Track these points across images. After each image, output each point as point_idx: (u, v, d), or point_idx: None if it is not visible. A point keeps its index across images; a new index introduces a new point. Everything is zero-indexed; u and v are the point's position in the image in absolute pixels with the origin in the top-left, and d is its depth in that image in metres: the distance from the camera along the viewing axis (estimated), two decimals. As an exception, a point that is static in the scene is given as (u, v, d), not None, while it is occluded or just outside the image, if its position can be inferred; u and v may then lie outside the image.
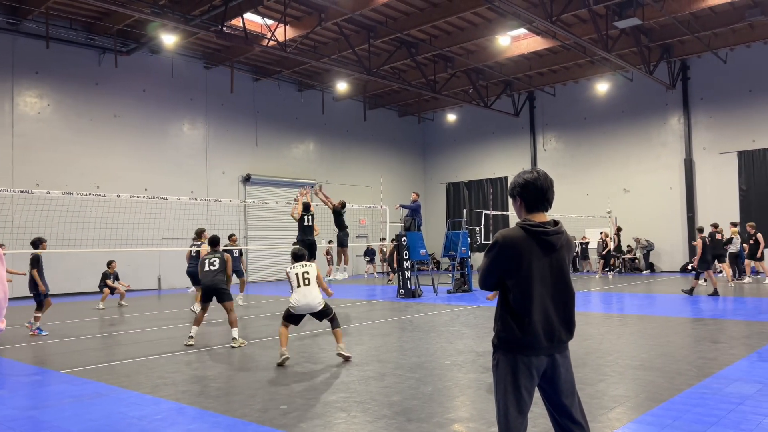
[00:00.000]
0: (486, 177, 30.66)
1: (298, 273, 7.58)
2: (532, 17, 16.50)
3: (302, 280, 7.53)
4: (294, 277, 7.56)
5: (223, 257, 9.22)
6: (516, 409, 2.91)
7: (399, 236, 16.34)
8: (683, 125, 24.52)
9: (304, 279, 7.54)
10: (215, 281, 9.01)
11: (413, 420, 4.90)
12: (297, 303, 7.43)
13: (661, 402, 5.23)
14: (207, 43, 22.10)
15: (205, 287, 9.08)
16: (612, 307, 12.81)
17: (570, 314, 3.00)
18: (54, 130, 19.62)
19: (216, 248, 9.45)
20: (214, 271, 9.08)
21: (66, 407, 5.58)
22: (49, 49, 19.01)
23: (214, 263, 9.13)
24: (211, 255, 9.31)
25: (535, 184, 3.01)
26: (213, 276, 9.03)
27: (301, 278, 7.54)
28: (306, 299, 7.44)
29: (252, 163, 25.13)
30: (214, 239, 9.59)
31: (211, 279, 9.02)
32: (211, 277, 9.02)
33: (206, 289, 9.08)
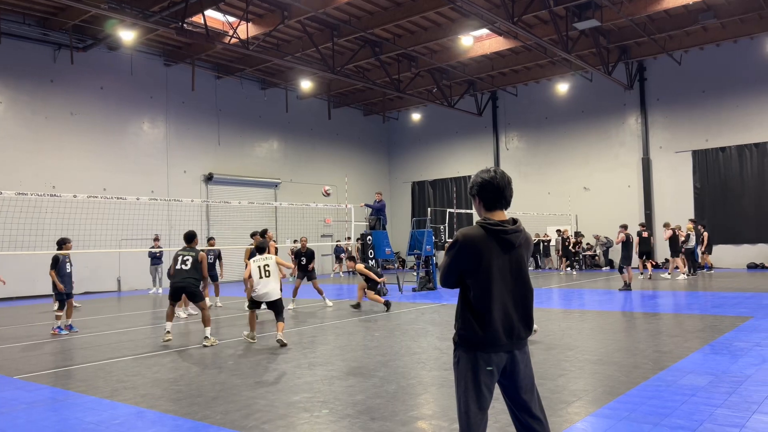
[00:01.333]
0: (450, 176, 30.90)
1: (260, 265, 8.61)
2: (494, 18, 16.69)
3: (263, 272, 8.59)
4: (256, 270, 8.59)
5: (198, 256, 9.13)
6: (476, 405, 2.94)
7: (364, 235, 16.34)
8: (641, 125, 25.16)
9: (265, 271, 8.60)
10: (186, 281, 8.94)
11: (377, 418, 4.91)
12: (258, 291, 8.58)
13: (618, 395, 5.36)
14: (167, 40, 21.67)
15: (176, 287, 9.01)
16: (572, 303, 13.07)
17: (529, 311, 3.06)
18: (7, 129, 18.98)
19: (191, 245, 9.31)
20: (186, 270, 8.98)
21: (19, 414, 5.41)
22: (2, 45, 18.38)
23: (187, 261, 9.02)
24: (184, 252, 9.18)
25: (492, 183, 3.05)
26: (185, 276, 8.96)
27: (263, 270, 8.59)
28: (266, 289, 8.57)
29: (214, 162, 24.78)
30: (189, 235, 9.42)
31: (183, 278, 8.95)
32: (182, 277, 8.96)
33: (177, 288, 9.02)
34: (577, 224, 26.12)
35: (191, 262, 9.00)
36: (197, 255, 9.10)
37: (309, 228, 25.06)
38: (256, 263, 8.61)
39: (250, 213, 24.43)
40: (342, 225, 27.92)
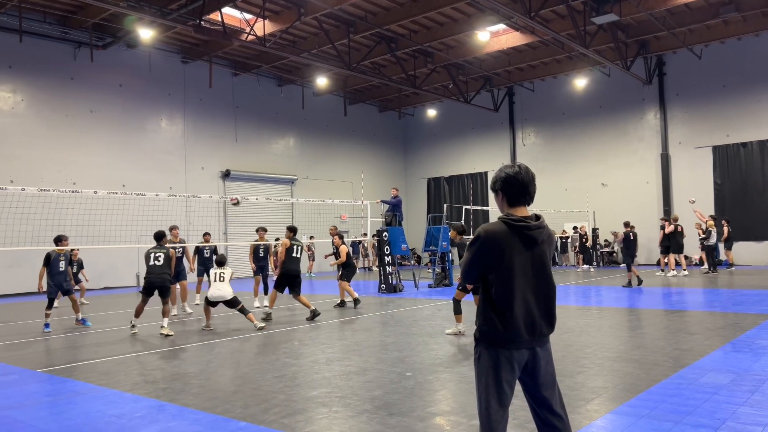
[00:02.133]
0: (466, 172, 30.79)
1: (216, 273, 10.08)
2: (511, 13, 16.58)
3: (218, 278, 10.02)
4: (213, 276, 10.05)
5: (168, 252, 10.05)
6: (497, 402, 2.94)
7: (380, 231, 16.36)
8: (659, 120, 24.87)
9: (220, 277, 10.02)
10: (162, 277, 9.81)
11: (395, 414, 4.92)
12: (212, 294, 9.86)
13: (638, 393, 5.32)
14: (185, 38, 21.83)
15: (150, 282, 9.77)
16: (590, 300, 12.97)
17: (551, 308, 3.04)
18: (29, 126, 19.25)
19: (161, 243, 10.16)
20: (159, 266, 9.81)
21: (43, 406, 5.50)
22: (23, 43, 18.62)
23: (159, 258, 9.85)
24: (156, 249, 9.97)
25: (517, 179, 3.03)
26: (160, 271, 9.78)
27: (218, 277, 10.03)
28: (219, 292, 9.86)
29: (231, 158, 24.93)
30: (158, 234, 10.25)
31: (158, 275, 9.77)
32: (157, 273, 9.77)
33: (151, 284, 9.77)
34: (594, 221, 25.90)
35: (164, 258, 9.87)
36: (168, 252, 10.04)
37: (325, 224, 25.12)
38: (213, 271, 10.11)
39: (267, 209, 24.57)
40: (358, 221, 27.97)
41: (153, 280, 9.75)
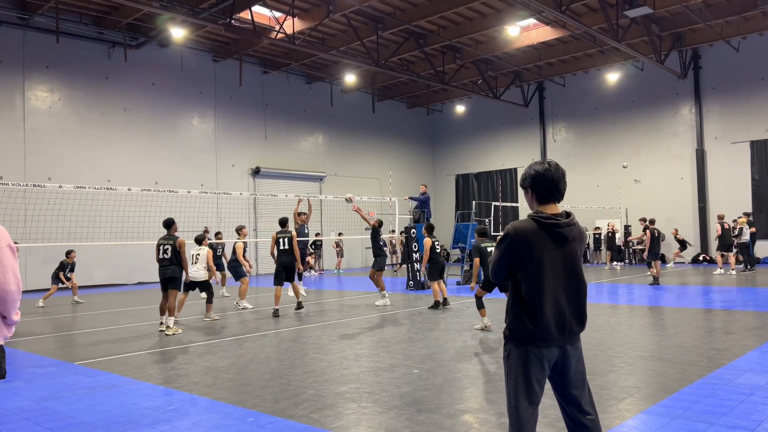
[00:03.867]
0: (495, 168, 30.56)
1: (193, 254, 10.50)
2: (541, 7, 16.37)
3: (193, 259, 10.47)
4: (189, 257, 10.26)
5: (176, 244, 9.44)
6: (527, 400, 2.92)
7: (408, 228, 16.34)
8: (695, 115, 24.30)
9: (195, 258, 10.50)
10: (171, 269, 9.40)
11: (423, 411, 4.92)
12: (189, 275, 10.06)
13: (671, 393, 5.23)
14: (215, 36, 22.10)
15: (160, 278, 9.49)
16: (621, 298, 12.77)
17: (582, 306, 3.01)
18: (65, 124, 19.74)
19: (170, 232, 9.66)
20: (167, 258, 9.42)
21: (80, 398, 5.65)
22: (60, 44, 19.09)
23: (167, 250, 9.42)
24: (164, 241, 9.52)
25: (546, 176, 3.00)
26: (167, 264, 9.42)
27: (193, 258, 10.47)
28: (195, 274, 10.33)
29: (261, 155, 25.18)
30: (168, 222, 9.74)
31: (166, 267, 9.42)
32: (165, 266, 9.44)
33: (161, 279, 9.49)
34: (627, 217, 25.47)
35: (171, 249, 9.41)
36: (175, 243, 9.46)
37: (353, 221, 25.22)
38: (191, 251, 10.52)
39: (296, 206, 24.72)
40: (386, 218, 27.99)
41: (163, 275, 9.41)
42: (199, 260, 10.56)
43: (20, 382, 6.31)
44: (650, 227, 15.74)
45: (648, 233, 15.65)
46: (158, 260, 9.54)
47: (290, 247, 11.32)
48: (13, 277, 3.16)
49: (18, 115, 18.73)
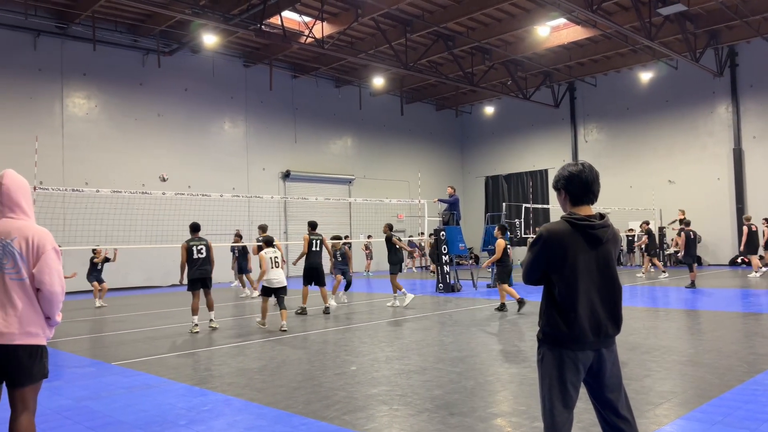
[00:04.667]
0: (526, 170, 30.27)
1: (271, 257, 9.92)
2: (572, 6, 16.19)
3: (273, 263, 9.90)
4: (268, 261, 9.88)
5: (208, 244, 10.07)
6: (562, 403, 2.89)
7: (437, 231, 16.30)
8: (731, 114, 23.71)
9: (275, 262, 9.92)
10: (206, 270, 9.98)
11: (455, 414, 4.90)
12: (272, 279, 9.85)
13: (710, 398, 5.11)
14: (246, 42, 22.41)
15: (198, 276, 9.91)
16: (657, 301, 12.52)
17: (617, 308, 2.97)
18: (101, 130, 20.23)
19: (197, 234, 10.17)
20: (203, 259, 9.90)
21: (118, 398, 5.78)
22: (96, 52, 19.59)
23: (202, 250, 9.92)
24: (197, 242, 9.98)
25: (580, 177, 2.97)
26: (203, 264, 9.92)
27: (273, 262, 9.90)
28: (278, 278, 9.91)
29: (291, 159, 25.42)
30: (196, 225, 10.26)
31: (203, 267, 9.93)
32: (201, 266, 9.92)
33: (198, 278, 9.91)
34: (661, 219, 24.97)
35: (205, 250, 9.95)
36: (207, 243, 10.07)
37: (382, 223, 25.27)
38: (268, 255, 9.88)
39: (326, 209, 24.93)
40: (415, 220, 27.96)
41: (198, 274, 9.90)
42: (278, 264, 9.96)
43: (61, 382, 6.49)
44: (685, 229, 15.32)
45: (683, 235, 15.20)
46: (192, 260, 9.89)
47: (320, 250, 11.53)
48: (58, 279, 3.27)
49: (57, 122, 19.27)
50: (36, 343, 3.26)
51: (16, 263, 3.21)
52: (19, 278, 3.22)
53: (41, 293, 3.24)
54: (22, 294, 3.22)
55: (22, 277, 3.22)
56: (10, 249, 3.21)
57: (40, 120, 18.85)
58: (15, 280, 3.21)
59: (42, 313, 3.28)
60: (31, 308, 3.24)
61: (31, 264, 3.24)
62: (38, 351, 3.27)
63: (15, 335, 3.17)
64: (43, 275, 3.22)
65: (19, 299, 3.20)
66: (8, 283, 3.20)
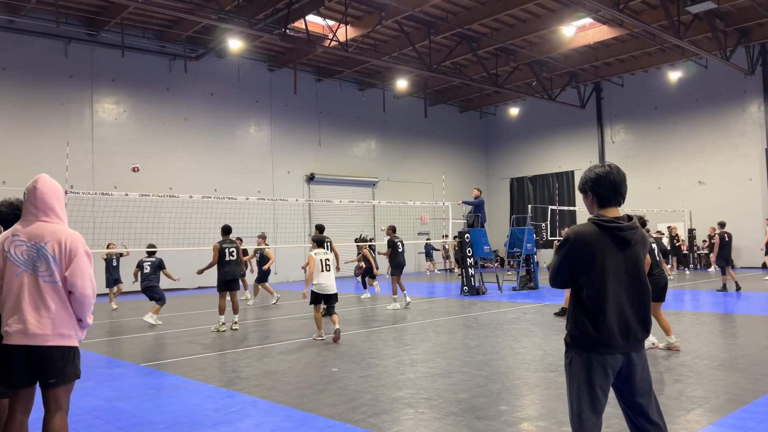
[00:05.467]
0: (551, 171, 29.97)
1: (322, 259, 8.82)
2: (598, 6, 15.99)
3: (324, 266, 8.81)
4: (318, 263, 8.78)
5: (238, 247, 10.41)
6: (590, 408, 2.86)
7: (462, 233, 16.23)
8: (764, 113, 23.17)
9: (326, 265, 8.82)
10: (236, 271, 10.30)
11: (482, 418, 4.87)
12: (320, 284, 8.74)
13: (743, 404, 4.99)
14: (271, 46, 22.61)
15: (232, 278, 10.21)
16: (686, 305, 12.28)
17: (646, 311, 2.93)
18: (130, 135, 20.60)
19: (229, 236, 10.53)
20: (234, 261, 10.23)
21: (147, 399, 5.87)
22: (125, 58, 19.95)
23: (233, 253, 10.24)
24: (228, 244, 10.32)
25: (608, 179, 2.94)
26: (234, 266, 10.24)
27: (324, 264, 8.80)
28: (328, 282, 8.79)
29: (315, 162, 25.56)
30: (229, 227, 10.66)
31: (234, 269, 10.24)
32: (233, 268, 10.23)
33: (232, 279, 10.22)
34: (691, 221, 24.50)
35: (236, 253, 10.27)
36: (238, 246, 10.43)
37: (406, 226, 25.24)
38: (318, 256, 8.83)
39: (350, 211, 25.00)
40: (439, 223, 27.86)
41: (232, 276, 10.28)
42: (330, 268, 8.92)
43: (92, 383, 6.61)
44: (719, 231, 14.98)
45: (717, 237, 14.88)
46: (223, 262, 10.23)
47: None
48: (89, 282, 3.33)
49: (87, 126, 19.67)
50: (69, 344, 3.32)
51: (49, 266, 3.29)
52: (52, 281, 3.29)
53: (73, 295, 3.31)
54: (55, 296, 3.29)
55: (55, 279, 3.29)
56: (43, 252, 3.29)
57: (70, 125, 19.26)
58: (48, 282, 3.28)
59: (74, 315, 3.35)
60: (64, 310, 3.31)
61: (64, 267, 3.31)
62: (71, 352, 3.34)
63: (48, 336, 3.24)
64: (75, 278, 3.29)
65: (52, 301, 3.28)
66: (42, 286, 3.27)
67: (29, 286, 3.27)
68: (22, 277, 3.27)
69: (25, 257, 3.28)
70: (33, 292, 3.26)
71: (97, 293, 3.53)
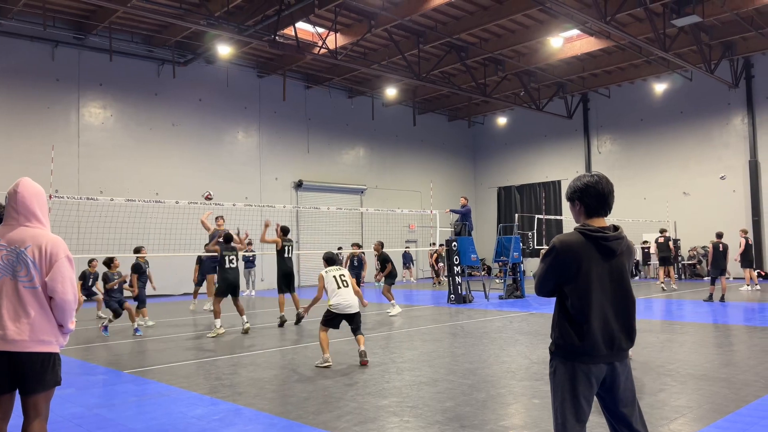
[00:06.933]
0: (538, 181, 30.16)
1: (335, 275, 7.71)
2: (585, 18, 16.17)
3: (340, 282, 7.67)
4: (332, 280, 7.67)
5: (238, 253, 10.81)
6: (574, 417, 2.86)
7: (449, 241, 16.26)
8: (747, 125, 23.50)
9: (342, 281, 7.68)
10: (237, 277, 10.75)
11: (467, 426, 4.86)
12: (338, 303, 7.56)
13: (726, 414, 5.02)
14: (260, 53, 22.60)
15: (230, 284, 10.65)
16: (671, 314, 12.37)
17: (630, 321, 2.94)
18: (116, 139, 20.45)
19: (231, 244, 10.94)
20: (235, 269, 10.70)
21: (130, 406, 5.79)
22: (112, 62, 19.84)
23: (233, 260, 10.67)
24: (229, 252, 10.72)
25: (596, 188, 2.96)
26: (237, 274, 10.73)
27: (339, 280, 7.67)
28: (347, 300, 7.59)
29: (304, 169, 25.52)
30: (229, 236, 11.09)
31: (235, 276, 10.70)
32: (235, 275, 10.70)
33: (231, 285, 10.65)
34: (676, 231, 24.73)
35: (236, 260, 10.73)
36: (237, 252, 10.87)
37: (392, 233, 25.26)
38: (331, 273, 7.76)
39: (338, 218, 24.97)
40: (426, 231, 27.91)
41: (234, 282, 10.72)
42: (347, 283, 7.76)
43: (74, 390, 6.52)
44: (714, 241, 15.15)
45: (711, 247, 15.07)
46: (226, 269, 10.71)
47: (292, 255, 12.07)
48: (71, 287, 3.28)
49: (73, 131, 19.51)
50: (48, 350, 3.27)
51: (29, 271, 3.24)
52: (32, 286, 3.24)
53: (54, 301, 3.26)
54: (35, 302, 3.24)
55: (35, 285, 3.24)
56: (23, 257, 3.24)
57: (56, 129, 19.09)
58: (28, 288, 3.23)
59: (55, 321, 3.30)
60: (44, 316, 3.26)
61: (44, 272, 3.26)
62: (51, 358, 3.29)
63: (27, 343, 3.19)
64: (56, 283, 3.24)
65: (32, 307, 3.23)
66: (21, 291, 3.23)
67: (8, 292, 3.22)
68: (2, 283, 3.22)
69: (4, 262, 3.23)
70: (12, 297, 3.21)
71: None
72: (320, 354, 7.72)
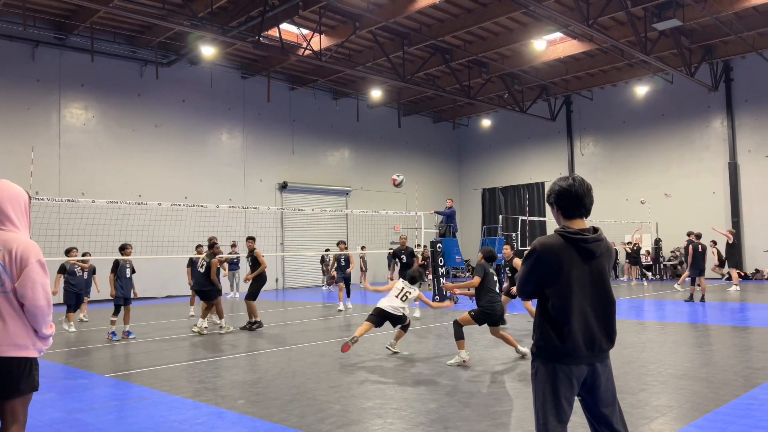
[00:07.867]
0: (522, 182, 30.34)
1: (403, 288, 8.46)
2: (568, 21, 16.32)
3: (402, 294, 8.42)
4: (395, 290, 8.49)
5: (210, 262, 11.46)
6: (555, 418, 2.88)
7: (434, 242, 16.30)
8: (727, 128, 23.85)
9: (404, 295, 8.42)
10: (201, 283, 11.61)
11: (450, 428, 4.88)
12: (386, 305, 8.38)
13: (705, 412, 5.09)
14: (244, 54, 22.50)
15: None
16: (652, 315, 12.51)
17: (611, 322, 2.97)
18: (98, 140, 20.23)
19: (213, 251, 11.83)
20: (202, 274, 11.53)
21: (110, 410, 5.73)
22: (94, 62, 19.63)
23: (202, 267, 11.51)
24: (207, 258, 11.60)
25: (570, 191, 2.98)
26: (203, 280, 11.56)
27: (402, 293, 8.42)
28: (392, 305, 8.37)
29: (288, 170, 25.44)
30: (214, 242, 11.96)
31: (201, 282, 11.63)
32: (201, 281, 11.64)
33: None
34: (657, 232, 25.01)
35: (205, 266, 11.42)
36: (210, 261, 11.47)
37: (376, 235, 25.24)
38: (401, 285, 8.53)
39: (322, 220, 24.92)
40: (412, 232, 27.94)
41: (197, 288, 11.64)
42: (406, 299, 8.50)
43: (53, 394, 6.43)
44: (693, 242, 15.10)
45: (691, 248, 15.05)
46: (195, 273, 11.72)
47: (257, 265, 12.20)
48: (42, 293, 3.20)
49: (54, 132, 19.27)
50: (24, 355, 3.21)
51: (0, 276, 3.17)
52: (3, 291, 3.17)
53: (25, 307, 3.18)
54: (8, 307, 3.17)
55: (7, 289, 3.17)
56: (-7, 261, 3.17)
57: (37, 130, 18.84)
58: (0, 293, 3.16)
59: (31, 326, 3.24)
60: (19, 321, 3.19)
61: (15, 277, 3.18)
62: (27, 363, 3.23)
63: (2, 347, 3.13)
64: (25, 289, 3.15)
65: (6, 312, 3.16)
66: (-7, 296, 3.15)
67: (-20, 297, 3.15)
68: (-27, 288, 3.15)
69: (-25, 267, 3.16)
70: (-16, 302, 3.14)
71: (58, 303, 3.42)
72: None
